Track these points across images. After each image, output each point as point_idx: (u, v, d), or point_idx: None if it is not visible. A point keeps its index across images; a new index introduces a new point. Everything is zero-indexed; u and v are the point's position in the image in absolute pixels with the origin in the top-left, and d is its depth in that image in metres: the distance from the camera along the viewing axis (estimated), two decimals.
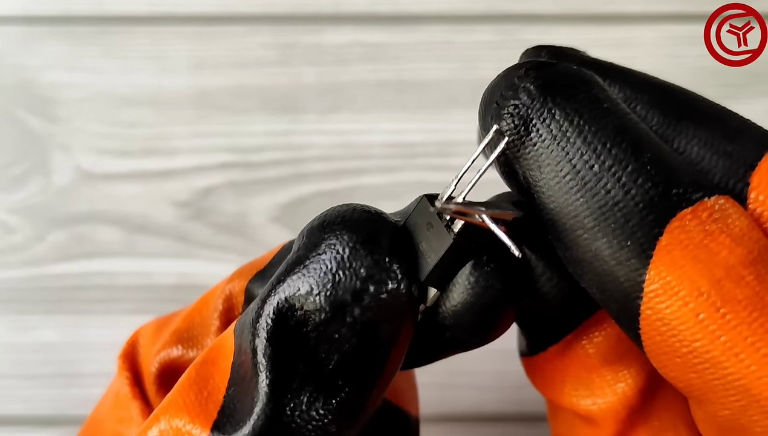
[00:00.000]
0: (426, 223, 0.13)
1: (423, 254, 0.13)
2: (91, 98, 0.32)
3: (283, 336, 0.12)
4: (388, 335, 0.13)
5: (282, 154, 0.32)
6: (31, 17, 0.32)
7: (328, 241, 0.12)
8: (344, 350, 0.12)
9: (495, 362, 0.31)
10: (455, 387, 0.31)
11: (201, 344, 0.17)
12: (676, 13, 0.32)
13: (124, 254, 0.32)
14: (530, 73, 0.13)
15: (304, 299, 0.12)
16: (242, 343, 0.13)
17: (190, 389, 0.13)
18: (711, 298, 0.11)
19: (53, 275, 0.32)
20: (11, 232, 0.32)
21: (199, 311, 0.17)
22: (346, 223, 0.13)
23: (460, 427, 0.31)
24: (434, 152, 0.32)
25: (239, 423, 0.12)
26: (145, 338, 0.18)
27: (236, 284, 0.17)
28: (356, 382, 0.13)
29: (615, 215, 0.12)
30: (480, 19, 0.32)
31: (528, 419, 0.31)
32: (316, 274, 0.12)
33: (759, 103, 0.32)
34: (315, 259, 0.12)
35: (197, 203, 0.32)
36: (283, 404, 0.12)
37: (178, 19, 0.32)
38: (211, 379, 0.13)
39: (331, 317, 0.12)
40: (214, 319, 0.17)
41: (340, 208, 0.13)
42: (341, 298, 0.12)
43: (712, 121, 0.14)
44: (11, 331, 0.32)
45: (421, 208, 0.13)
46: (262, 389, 0.12)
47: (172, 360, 0.17)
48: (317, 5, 0.32)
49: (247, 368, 0.13)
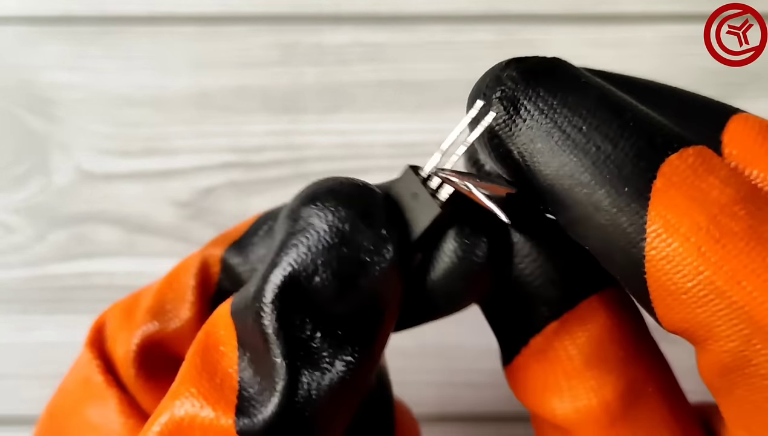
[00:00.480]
0: (411, 193, 0.14)
1: (410, 222, 0.14)
2: (91, 98, 0.32)
3: (291, 313, 0.13)
4: (386, 301, 0.13)
5: (283, 154, 0.32)
6: (31, 17, 0.32)
7: (325, 216, 0.13)
8: (350, 319, 0.13)
9: (494, 361, 0.31)
10: (454, 386, 0.31)
11: (178, 316, 0.17)
12: (676, 13, 0.32)
13: (124, 253, 0.32)
14: (511, 64, 0.14)
15: (310, 276, 0.13)
16: (247, 324, 0.13)
17: (201, 378, 0.13)
18: (710, 231, 0.12)
19: (53, 275, 0.32)
20: (12, 232, 0.32)
21: (169, 285, 0.17)
22: (338, 197, 0.13)
23: (459, 427, 0.31)
24: (434, 152, 0.32)
25: (261, 404, 0.13)
26: (113, 322, 0.18)
27: (211, 253, 0.17)
28: (362, 347, 0.13)
29: (609, 167, 0.13)
30: (480, 19, 0.32)
31: (527, 419, 0.31)
32: (319, 250, 0.13)
33: (759, 103, 0.32)
34: (313, 234, 0.13)
35: (198, 203, 0.32)
36: (301, 380, 0.13)
37: (178, 19, 0.32)
38: (218, 365, 0.13)
39: (338, 290, 0.13)
40: (189, 288, 0.17)
41: (327, 182, 0.14)
42: (347, 271, 0.13)
43: (677, 98, 0.16)
44: (12, 331, 0.32)
45: (406, 179, 0.14)
46: (280, 367, 0.13)
47: (150, 336, 0.17)
48: (318, 5, 0.32)
49: (257, 349, 0.13)
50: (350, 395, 0.13)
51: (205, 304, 0.17)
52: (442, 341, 0.31)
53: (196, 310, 0.17)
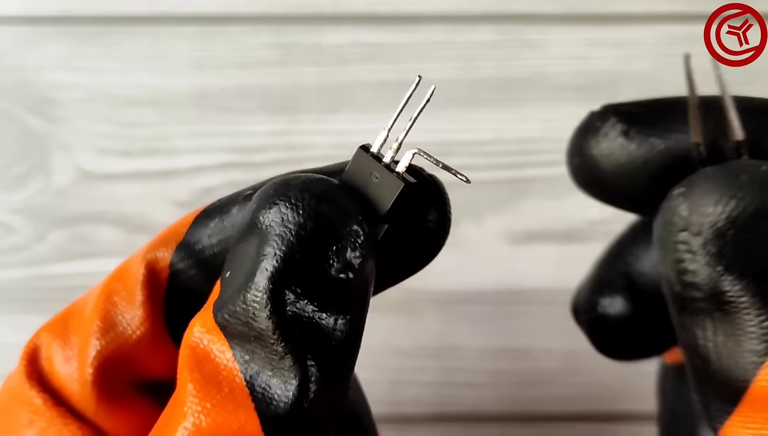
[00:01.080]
0: (368, 172, 0.15)
1: (374, 199, 0.15)
2: (91, 98, 0.32)
3: (285, 309, 0.13)
4: (368, 277, 0.14)
5: (282, 154, 0.32)
6: (31, 17, 0.32)
7: (301, 213, 0.13)
8: (344, 294, 0.14)
9: (493, 361, 0.31)
10: (453, 386, 0.31)
11: (131, 330, 0.16)
12: (676, 13, 0.31)
13: (124, 254, 0.32)
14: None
15: (301, 272, 0.13)
16: (239, 329, 0.13)
17: (209, 390, 0.13)
18: None
19: (54, 275, 0.32)
20: (12, 232, 0.32)
21: (112, 298, 0.16)
22: (305, 193, 0.14)
23: (458, 427, 0.31)
24: (434, 152, 0.32)
25: (279, 397, 0.13)
26: (49, 348, 0.17)
27: (156, 258, 0.16)
28: (354, 314, 0.14)
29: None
30: (480, 19, 0.32)
31: (526, 419, 0.31)
32: (294, 245, 0.13)
33: None
34: (284, 233, 0.13)
35: (198, 203, 0.32)
36: (308, 377, 0.13)
37: (178, 19, 0.32)
38: (219, 375, 0.13)
39: (332, 276, 0.13)
40: (139, 300, 0.16)
41: (283, 181, 0.14)
42: (338, 259, 0.14)
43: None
44: (12, 331, 0.32)
45: (359, 159, 0.15)
46: (288, 357, 0.13)
47: (106, 356, 0.16)
48: (317, 5, 0.32)
49: (256, 348, 0.13)
50: (354, 356, 0.14)
51: (158, 313, 0.16)
52: (441, 342, 0.31)
53: (150, 321, 0.16)
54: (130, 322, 0.16)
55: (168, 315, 0.16)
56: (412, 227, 0.15)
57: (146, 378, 0.17)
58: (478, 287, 0.31)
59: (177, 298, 0.16)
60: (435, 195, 0.16)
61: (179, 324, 0.16)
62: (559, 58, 0.32)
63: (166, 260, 0.16)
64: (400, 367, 0.31)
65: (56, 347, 0.17)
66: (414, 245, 0.16)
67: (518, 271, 0.31)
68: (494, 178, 0.32)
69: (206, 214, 0.17)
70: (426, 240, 0.16)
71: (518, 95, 0.32)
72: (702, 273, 0.14)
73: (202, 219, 0.16)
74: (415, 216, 0.15)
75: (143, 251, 0.17)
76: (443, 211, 0.16)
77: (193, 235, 0.16)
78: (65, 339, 0.17)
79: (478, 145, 0.32)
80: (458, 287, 0.31)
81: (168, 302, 0.16)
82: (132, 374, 0.16)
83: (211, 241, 0.16)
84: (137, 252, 0.17)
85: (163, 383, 0.17)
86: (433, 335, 0.31)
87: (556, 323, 0.31)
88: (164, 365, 0.17)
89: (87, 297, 0.17)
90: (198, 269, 0.16)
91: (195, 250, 0.16)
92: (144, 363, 0.16)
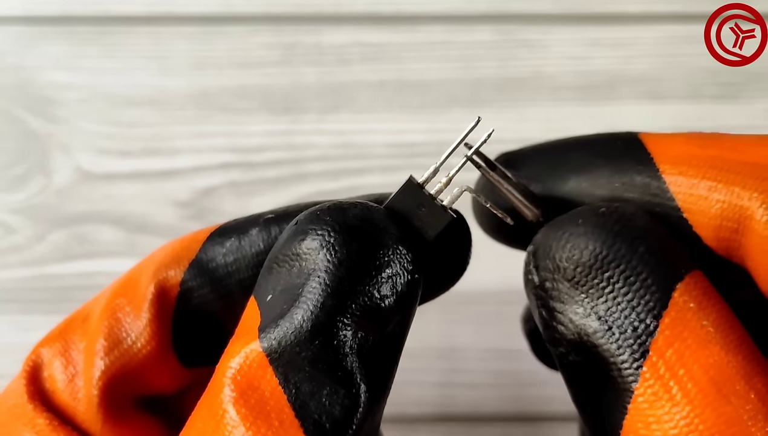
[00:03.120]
0: (416, 203, 0.15)
1: (420, 229, 0.15)
2: (91, 98, 0.32)
3: (342, 332, 0.13)
4: (416, 294, 0.14)
5: (282, 154, 0.32)
6: (31, 17, 0.32)
7: (348, 238, 0.14)
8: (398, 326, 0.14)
9: (494, 362, 0.31)
10: (454, 387, 0.31)
11: (137, 349, 0.16)
12: (676, 13, 0.32)
13: (124, 253, 0.32)
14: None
15: (353, 296, 0.13)
16: (295, 357, 0.13)
17: (265, 427, 0.13)
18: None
19: (54, 275, 0.32)
20: (12, 232, 0.32)
21: (117, 316, 0.16)
22: (351, 218, 0.14)
23: (459, 427, 0.31)
24: (434, 152, 0.32)
25: (331, 431, 0.13)
26: (51, 366, 0.16)
27: (167, 276, 0.16)
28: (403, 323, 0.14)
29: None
30: (480, 19, 0.32)
31: (527, 419, 0.31)
32: (354, 269, 0.13)
33: (759, 103, 0.32)
34: (343, 256, 0.13)
35: (198, 203, 0.32)
36: (359, 404, 0.13)
37: (178, 19, 0.32)
38: (267, 405, 0.13)
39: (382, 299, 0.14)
40: (147, 319, 0.16)
41: (333, 207, 0.14)
42: (387, 282, 0.14)
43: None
44: (12, 331, 0.32)
45: (407, 190, 0.15)
46: (344, 396, 0.13)
47: (112, 375, 0.16)
48: (318, 5, 0.32)
49: (313, 378, 0.13)
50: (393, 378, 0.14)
51: (165, 331, 0.16)
52: (443, 342, 0.31)
53: (157, 339, 0.16)
54: (136, 340, 0.16)
55: (175, 332, 0.16)
56: (440, 256, 0.16)
57: (149, 394, 0.17)
58: (481, 288, 0.31)
59: (185, 316, 0.16)
60: (459, 227, 0.16)
61: (184, 341, 0.16)
62: (559, 58, 0.32)
63: (177, 277, 0.16)
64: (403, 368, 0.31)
65: (58, 365, 0.16)
66: (439, 274, 0.16)
67: (518, 271, 0.31)
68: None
69: (221, 232, 0.16)
70: (449, 268, 0.16)
71: (518, 95, 0.32)
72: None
73: (217, 237, 0.16)
74: (443, 247, 0.16)
75: (153, 266, 0.16)
76: (466, 241, 0.16)
77: (206, 252, 0.16)
78: (67, 357, 0.16)
79: None
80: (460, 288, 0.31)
81: (176, 319, 0.16)
82: (136, 391, 0.16)
83: (227, 260, 0.16)
84: (145, 265, 0.17)
85: (164, 398, 0.17)
86: (435, 335, 0.31)
87: None
88: (168, 382, 0.17)
89: (87, 309, 0.17)
90: (211, 288, 0.16)
91: (209, 268, 0.16)
92: (148, 380, 0.16)
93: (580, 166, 0.16)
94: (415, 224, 0.15)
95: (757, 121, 0.32)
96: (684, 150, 0.15)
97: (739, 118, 0.32)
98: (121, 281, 0.17)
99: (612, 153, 0.16)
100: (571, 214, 0.15)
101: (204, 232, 0.17)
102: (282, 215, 0.16)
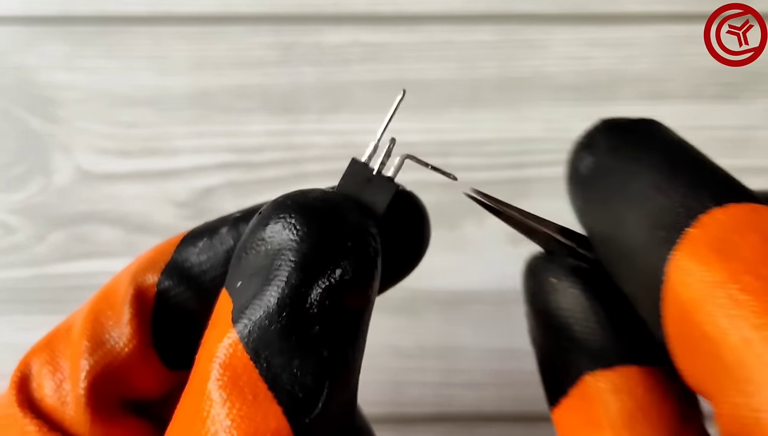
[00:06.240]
0: (362, 180, 0.16)
1: (370, 204, 0.16)
2: (91, 98, 0.32)
3: (309, 305, 0.14)
4: (377, 269, 0.15)
5: (282, 154, 0.32)
6: (31, 17, 0.32)
7: (308, 220, 0.14)
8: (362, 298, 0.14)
9: (494, 362, 0.31)
10: (454, 387, 0.31)
11: (119, 349, 0.16)
12: (676, 13, 0.32)
13: (124, 253, 0.32)
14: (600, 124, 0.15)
15: (317, 272, 0.14)
16: (267, 333, 0.14)
17: (240, 401, 0.13)
18: (725, 286, 0.12)
19: (54, 275, 0.32)
20: (12, 232, 0.32)
21: (98, 319, 0.17)
22: (308, 201, 0.15)
23: (458, 427, 0.31)
24: (434, 152, 0.32)
25: (305, 399, 0.13)
26: (39, 375, 0.17)
27: (144, 280, 0.17)
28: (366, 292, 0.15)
29: (654, 213, 0.13)
30: (480, 19, 0.32)
31: (527, 419, 0.31)
32: (318, 248, 0.14)
33: (759, 103, 0.32)
34: (305, 237, 0.14)
35: (197, 203, 0.32)
36: (327, 371, 0.14)
37: (178, 19, 0.32)
38: (243, 377, 0.14)
39: (356, 283, 0.14)
40: (127, 320, 0.17)
41: (287, 197, 0.15)
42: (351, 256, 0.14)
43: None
44: (12, 331, 0.32)
45: (352, 170, 0.16)
46: (313, 365, 0.14)
47: (96, 375, 0.16)
48: (318, 5, 0.32)
49: (284, 352, 0.14)
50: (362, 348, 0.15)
51: (146, 330, 0.17)
52: (442, 342, 0.31)
53: (138, 338, 0.16)
54: (118, 339, 0.16)
55: (155, 333, 0.17)
56: (399, 235, 0.17)
57: (135, 397, 0.17)
58: (479, 288, 0.31)
59: (164, 315, 0.17)
60: (412, 206, 0.17)
61: (166, 342, 0.17)
62: (559, 58, 0.32)
63: (153, 278, 0.17)
64: (401, 367, 0.31)
65: (45, 373, 0.17)
66: (400, 253, 0.17)
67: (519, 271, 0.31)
68: (494, 178, 0.32)
69: (193, 235, 0.17)
70: (410, 245, 0.17)
71: (518, 95, 0.32)
72: None
73: (189, 239, 0.17)
74: (400, 226, 0.17)
75: (131, 271, 0.17)
76: (422, 217, 0.17)
77: (181, 253, 0.17)
78: (54, 364, 0.17)
79: (478, 145, 0.32)
80: (459, 288, 0.31)
81: (155, 320, 0.17)
82: (121, 393, 0.17)
83: (200, 258, 0.17)
84: (123, 274, 0.17)
85: (150, 402, 0.17)
86: (434, 335, 0.31)
87: None
88: (152, 383, 0.17)
89: (70, 321, 0.18)
90: (186, 286, 0.17)
91: (183, 267, 0.17)
92: (133, 381, 0.17)
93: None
94: (365, 199, 0.16)
95: (757, 121, 0.32)
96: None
97: (739, 118, 0.32)
98: (101, 291, 0.17)
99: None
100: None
101: (178, 236, 0.17)
102: (249, 213, 0.17)
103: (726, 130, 0.32)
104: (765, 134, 0.31)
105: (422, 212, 0.17)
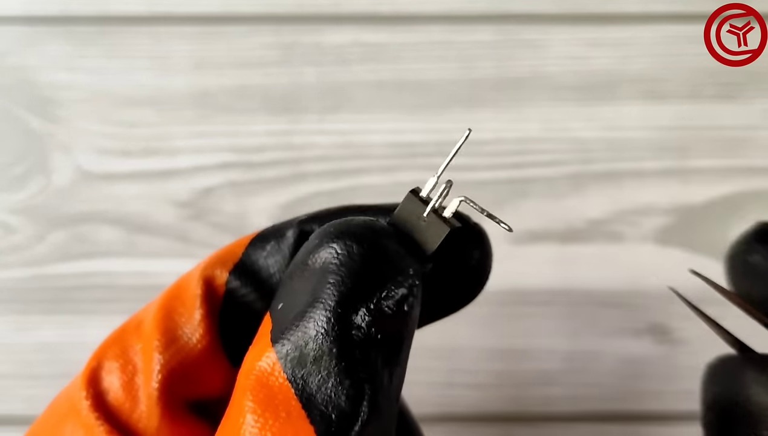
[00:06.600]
0: (416, 216, 0.16)
1: (420, 242, 0.16)
2: (91, 98, 0.32)
3: (353, 331, 0.14)
4: (416, 308, 0.15)
5: (282, 154, 0.32)
6: (31, 17, 0.32)
7: (356, 253, 0.14)
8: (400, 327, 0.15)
9: (495, 362, 0.31)
10: (455, 387, 0.31)
11: (191, 346, 0.17)
12: (676, 13, 0.32)
13: (124, 253, 0.32)
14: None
15: (358, 303, 0.14)
16: (303, 354, 0.14)
17: (273, 418, 0.14)
18: None
19: (53, 275, 0.32)
20: (12, 232, 0.32)
21: (170, 313, 0.17)
22: (358, 235, 0.15)
23: (459, 427, 0.31)
24: (434, 152, 0.32)
25: (337, 422, 0.14)
26: (110, 372, 0.17)
27: (214, 275, 0.17)
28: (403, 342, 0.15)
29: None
30: (480, 19, 0.32)
31: (528, 419, 0.31)
32: (361, 281, 0.14)
33: (759, 103, 0.32)
34: (349, 269, 0.14)
35: (197, 203, 0.32)
36: (363, 398, 0.14)
37: (178, 19, 0.32)
38: (276, 399, 0.14)
39: (385, 310, 0.14)
40: (199, 316, 0.17)
41: (341, 224, 0.15)
42: (391, 295, 0.14)
43: None
44: (12, 331, 0.32)
45: (408, 203, 0.16)
46: (349, 389, 0.14)
47: (169, 371, 0.17)
48: (318, 5, 0.32)
49: (320, 373, 0.14)
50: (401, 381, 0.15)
51: (215, 329, 0.17)
52: (443, 342, 0.31)
53: (210, 336, 0.17)
54: (191, 336, 0.17)
55: (222, 333, 0.17)
56: (458, 268, 0.17)
57: (199, 395, 0.17)
58: None
59: (232, 316, 0.17)
60: (478, 240, 0.17)
61: (233, 342, 0.17)
62: (558, 58, 0.32)
63: (222, 278, 0.17)
64: None
65: (116, 366, 0.17)
66: (459, 285, 0.17)
67: (518, 271, 0.31)
68: (494, 178, 0.32)
69: (262, 237, 0.18)
70: (470, 280, 0.17)
71: (517, 95, 0.32)
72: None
73: (258, 242, 0.17)
74: (461, 258, 0.17)
75: (200, 269, 0.17)
76: (485, 253, 0.17)
77: (249, 256, 0.17)
78: (125, 358, 0.17)
79: (478, 145, 0.32)
80: None
81: (222, 320, 0.17)
82: (189, 390, 0.17)
83: (268, 261, 0.17)
84: (192, 270, 0.18)
85: (212, 402, 0.18)
86: (435, 335, 0.31)
87: (557, 324, 0.31)
88: (218, 382, 0.17)
89: (139, 317, 0.18)
90: (253, 288, 0.17)
91: (251, 270, 0.17)
92: (202, 379, 0.17)
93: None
94: (416, 237, 0.16)
95: (757, 121, 0.32)
96: None
97: (739, 118, 0.32)
98: (171, 287, 0.18)
99: None
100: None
101: (248, 237, 0.18)
102: (313, 217, 0.17)
103: (725, 130, 0.32)
104: (765, 134, 0.32)
105: (487, 251, 0.17)
